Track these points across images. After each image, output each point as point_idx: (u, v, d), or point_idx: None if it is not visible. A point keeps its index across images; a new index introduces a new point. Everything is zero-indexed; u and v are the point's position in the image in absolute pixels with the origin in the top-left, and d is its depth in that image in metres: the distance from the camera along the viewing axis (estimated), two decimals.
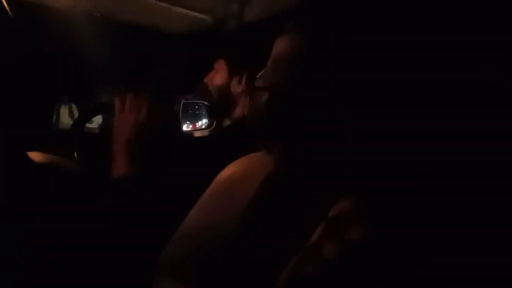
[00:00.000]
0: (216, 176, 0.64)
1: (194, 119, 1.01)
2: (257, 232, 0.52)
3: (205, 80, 1.10)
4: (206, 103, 1.02)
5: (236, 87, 1.05)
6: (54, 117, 1.04)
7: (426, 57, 0.49)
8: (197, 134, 1.01)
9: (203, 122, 1.02)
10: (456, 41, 0.51)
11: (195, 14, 1.09)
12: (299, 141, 0.51)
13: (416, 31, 0.49)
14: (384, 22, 0.49)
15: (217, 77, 1.08)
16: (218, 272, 0.52)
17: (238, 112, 1.06)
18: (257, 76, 0.57)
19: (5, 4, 0.92)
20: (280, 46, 0.55)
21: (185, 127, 0.98)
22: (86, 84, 1.10)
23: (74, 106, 1.08)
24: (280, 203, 0.52)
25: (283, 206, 0.52)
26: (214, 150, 0.94)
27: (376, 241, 0.41)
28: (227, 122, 1.09)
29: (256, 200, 0.54)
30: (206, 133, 1.00)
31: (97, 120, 1.01)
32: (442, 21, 0.51)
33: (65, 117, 1.07)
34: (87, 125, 0.97)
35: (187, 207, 0.62)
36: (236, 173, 0.62)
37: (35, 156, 0.68)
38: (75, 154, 0.89)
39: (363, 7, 0.50)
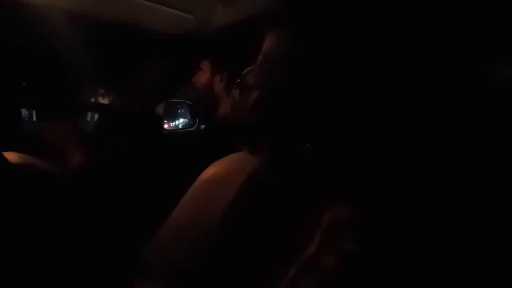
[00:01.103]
0: (198, 176, 0.63)
1: (176, 118, 1.00)
2: (240, 235, 0.51)
3: (193, 80, 1.10)
4: (189, 102, 1.01)
5: (219, 86, 1.05)
6: (25, 115, 1.02)
7: (420, 58, 0.48)
8: (179, 133, 1.00)
9: (185, 122, 1.01)
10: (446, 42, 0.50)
11: (179, 13, 1.08)
12: (287, 142, 0.50)
13: (407, 31, 0.49)
14: (376, 22, 0.49)
15: (203, 76, 1.08)
16: (201, 276, 0.51)
17: (221, 111, 1.05)
18: (242, 74, 0.57)
19: None
20: (270, 44, 0.54)
21: (167, 126, 0.97)
22: (63, 83, 1.08)
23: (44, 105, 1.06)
24: (264, 205, 0.52)
25: (267, 208, 0.51)
26: (196, 149, 0.93)
27: (374, 250, 0.40)
28: (210, 121, 1.09)
29: (238, 201, 0.54)
30: (188, 132, 1.00)
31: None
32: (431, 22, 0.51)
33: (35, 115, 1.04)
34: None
35: (168, 207, 0.62)
36: (218, 173, 0.61)
37: (10, 156, 0.67)
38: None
39: (354, 7, 0.50)
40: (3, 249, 0.56)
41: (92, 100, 0.94)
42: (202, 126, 1.02)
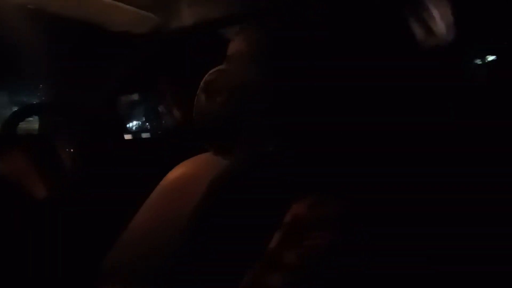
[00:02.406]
0: (162, 178, 0.62)
1: (138, 119, 0.98)
2: (206, 236, 0.51)
3: (154, 81, 1.07)
4: (153, 104, 0.99)
5: (181, 88, 1.04)
6: None
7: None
8: (142, 135, 0.98)
9: (147, 123, 0.99)
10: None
11: (141, 11, 1.06)
12: (254, 141, 0.50)
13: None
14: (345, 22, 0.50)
15: (162, 78, 1.06)
16: (166, 279, 0.51)
17: (185, 113, 1.04)
18: (208, 75, 0.56)
19: None
20: (237, 45, 0.54)
21: (129, 128, 0.95)
22: (17, 81, 1.02)
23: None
24: (230, 205, 0.52)
25: (233, 208, 0.51)
26: (160, 151, 0.92)
27: (335, 245, 0.41)
28: (174, 123, 1.07)
29: (204, 203, 0.54)
30: (151, 134, 0.98)
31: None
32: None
33: None
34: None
35: (131, 210, 0.60)
36: (185, 175, 0.61)
37: None
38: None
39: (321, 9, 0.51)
40: None
41: (48, 100, 0.89)
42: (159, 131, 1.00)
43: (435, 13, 0.49)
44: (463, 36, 0.51)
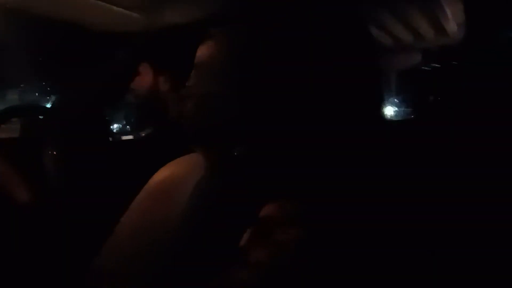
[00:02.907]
0: (148, 180, 0.61)
1: (122, 122, 0.97)
2: (193, 238, 0.51)
3: (133, 84, 1.06)
4: (136, 105, 0.98)
5: (164, 88, 1.03)
6: None
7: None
8: (126, 137, 0.97)
9: (132, 125, 0.98)
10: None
11: (124, 11, 1.04)
12: (223, 144, 0.51)
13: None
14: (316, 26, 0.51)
15: (143, 80, 1.05)
16: (154, 281, 0.50)
17: (168, 114, 1.03)
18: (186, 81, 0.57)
19: None
20: (204, 51, 0.54)
21: (114, 130, 0.93)
22: None
23: None
24: (214, 207, 0.52)
25: (218, 210, 0.51)
26: (145, 153, 0.91)
27: (305, 242, 0.42)
28: (157, 125, 1.06)
29: (190, 205, 0.54)
30: (135, 136, 0.97)
31: None
32: None
33: None
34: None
35: (118, 212, 0.60)
36: (169, 177, 0.60)
37: None
38: None
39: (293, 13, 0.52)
40: None
41: (29, 102, 0.87)
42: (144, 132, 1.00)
43: (448, 11, 0.49)
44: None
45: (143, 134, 0.98)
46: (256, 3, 0.51)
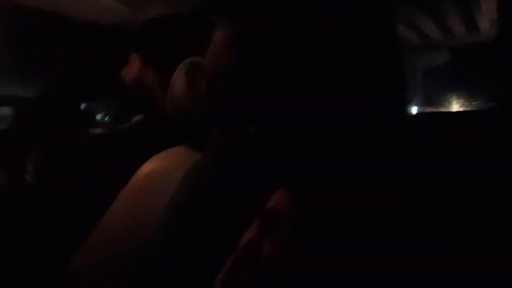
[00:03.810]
0: (133, 174, 0.60)
1: (108, 113, 0.95)
2: (181, 235, 0.50)
3: (121, 74, 1.04)
4: (122, 97, 0.96)
5: (152, 78, 1.01)
6: None
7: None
8: (111, 129, 0.95)
9: (118, 116, 0.96)
10: None
11: (110, 2, 1.02)
12: (238, 131, 0.50)
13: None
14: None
15: (131, 70, 1.03)
16: (138, 278, 0.49)
17: (156, 104, 1.01)
18: (182, 66, 0.56)
19: None
20: (220, 35, 0.53)
21: (99, 120, 0.92)
22: None
23: None
24: (205, 198, 0.51)
25: (208, 202, 0.50)
26: (130, 146, 0.89)
27: (311, 236, 0.41)
28: (143, 116, 1.04)
29: (179, 196, 0.52)
30: (122, 126, 0.95)
31: None
32: None
33: None
34: None
35: (100, 209, 0.58)
36: (155, 170, 0.59)
37: None
38: None
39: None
40: None
41: (9, 93, 0.85)
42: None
43: (482, 6, 0.49)
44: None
45: (130, 125, 0.96)
46: None
